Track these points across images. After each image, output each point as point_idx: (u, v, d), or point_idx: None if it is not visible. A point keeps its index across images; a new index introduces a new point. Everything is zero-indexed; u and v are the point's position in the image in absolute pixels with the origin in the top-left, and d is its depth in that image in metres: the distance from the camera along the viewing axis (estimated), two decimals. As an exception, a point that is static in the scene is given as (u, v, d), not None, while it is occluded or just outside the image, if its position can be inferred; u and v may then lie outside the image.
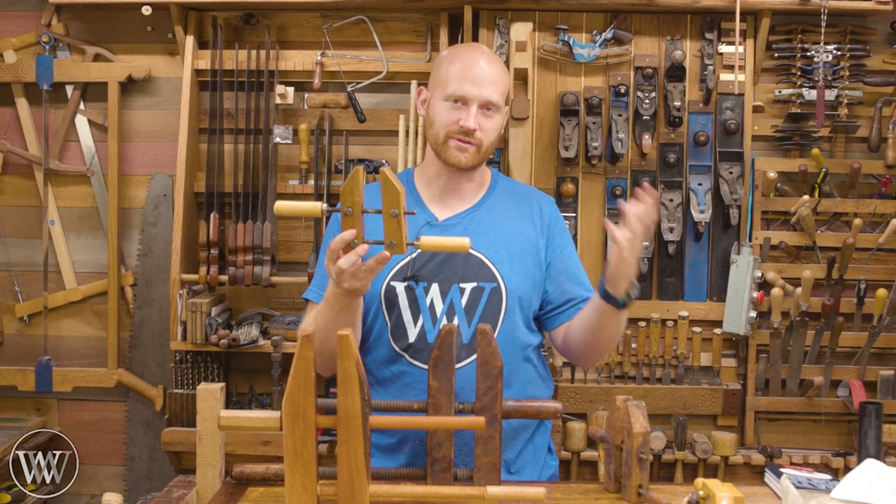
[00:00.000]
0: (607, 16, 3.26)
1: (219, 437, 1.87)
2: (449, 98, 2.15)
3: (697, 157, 3.26)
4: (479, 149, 2.16)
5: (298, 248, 3.38)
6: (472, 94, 2.13)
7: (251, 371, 3.40)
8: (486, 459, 1.80)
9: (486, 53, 2.23)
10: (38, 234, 3.48)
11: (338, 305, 1.97)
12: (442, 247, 1.88)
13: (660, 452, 3.18)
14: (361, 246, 1.82)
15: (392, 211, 1.78)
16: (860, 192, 3.28)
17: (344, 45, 3.33)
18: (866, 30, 3.26)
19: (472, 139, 2.14)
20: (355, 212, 1.79)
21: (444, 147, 2.16)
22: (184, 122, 3.26)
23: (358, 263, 1.83)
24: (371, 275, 1.87)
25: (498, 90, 2.16)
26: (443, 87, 2.16)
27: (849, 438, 3.32)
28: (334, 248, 1.83)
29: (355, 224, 1.80)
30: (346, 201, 1.79)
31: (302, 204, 1.89)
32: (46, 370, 3.43)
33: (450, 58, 2.21)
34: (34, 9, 3.41)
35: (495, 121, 2.18)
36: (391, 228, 1.80)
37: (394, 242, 1.81)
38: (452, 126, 2.14)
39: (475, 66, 2.15)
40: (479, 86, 2.13)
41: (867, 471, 1.85)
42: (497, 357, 1.79)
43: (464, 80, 2.13)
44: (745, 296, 3.16)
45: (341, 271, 1.85)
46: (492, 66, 2.18)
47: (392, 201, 1.78)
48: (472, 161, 2.16)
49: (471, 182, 2.25)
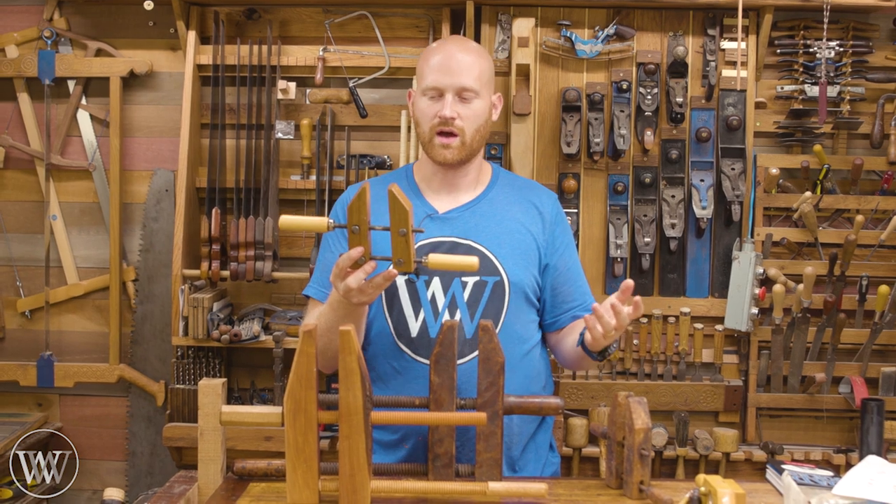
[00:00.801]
0: (609, 11, 3.25)
1: (220, 432, 1.87)
2: (426, 92, 2.16)
3: (699, 154, 3.26)
4: (463, 140, 2.14)
5: (300, 244, 3.38)
6: (445, 84, 2.13)
7: (253, 366, 3.40)
8: (487, 455, 1.80)
9: (460, 42, 2.24)
10: (40, 229, 3.48)
11: (342, 312, 1.98)
12: (450, 266, 1.86)
13: (661, 449, 3.18)
14: (369, 263, 1.83)
15: (400, 230, 1.79)
16: (862, 189, 3.28)
17: (346, 41, 3.33)
18: (869, 26, 3.25)
19: (452, 128, 2.13)
20: (362, 230, 1.79)
21: (430, 145, 2.16)
22: (185, 117, 3.26)
23: (363, 279, 1.85)
24: (378, 290, 1.89)
25: (472, 75, 2.14)
26: (421, 83, 2.18)
27: (850, 435, 3.32)
28: (342, 265, 1.84)
29: (363, 241, 1.80)
30: (352, 219, 1.79)
31: (307, 219, 1.86)
32: (48, 365, 3.43)
33: (426, 54, 2.22)
34: (36, 3, 3.41)
35: (475, 107, 2.15)
36: (399, 247, 1.80)
37: (402, 260, 1.82)
38: (433, 119, 2.14)
39: (448, 57, 2.15)
40: (452, 74, 2.13)
41: (869, 467, 1.85)
42: (499, 353, 1.79)
43: (437, 72, 2.14)
44: (747, 292, 3.15)
45: (349, 289, 1.86)
46: (466, 53, 2.17)
47: (400, 220, 1.78)
48: (457, 156, 2.15)
49: (466, 177, 2.24)
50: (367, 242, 1.81)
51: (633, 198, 3.27)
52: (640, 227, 3.23)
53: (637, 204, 3.26)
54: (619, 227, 3.23)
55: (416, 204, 2.21)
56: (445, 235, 2.16)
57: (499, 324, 2.13)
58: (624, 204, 3.27)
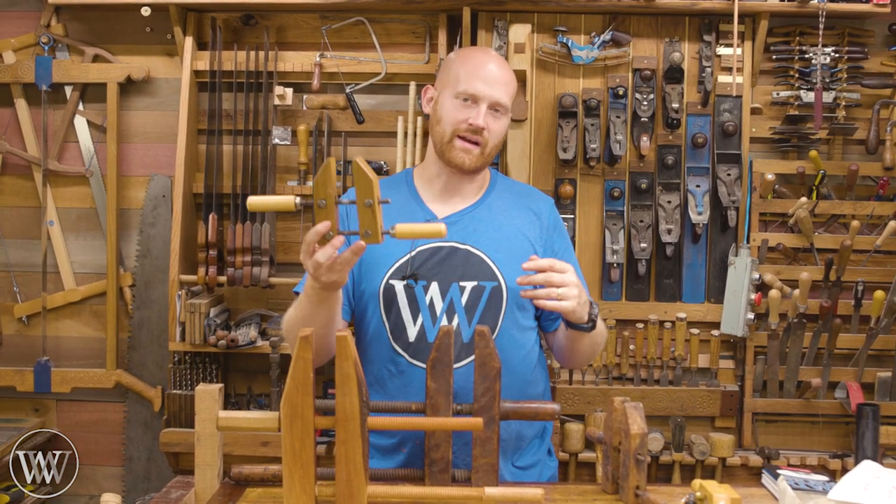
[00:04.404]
0: (606, 17, 3.26)
1: (217, 437, 1.88)
2: (459, 95, 2.16)
3: (695, 159, 3.26)
4: (484, 150, 2.17)
5: (297, 249, 3.37)
6: (483, 93, 2.14)
7: (249, 372, 3.40)
8: (484, 460, 1.81)
9: (497, 57, 2.27)
10: (37, 234, 3.48)
11: (316, 299, 1.95)
12: (418, 234, 1.84)
13: (657, 454, 3.18)
14: (337, 238, 1.78)
15: (366, 201, 1.74)
16: (858, 195, 3.29)
17: (343, 47, 3.34)
18: (864, 32, 3.26)
19: (479, 138, 2.15)
20: (329, 204, 1.75)
21: (448, 146, 2.16)
22: (183, 123, 3.27)
23: (334, 256, 1.80)
24: (348, 266, 1.84)
25: (507, 93, 2.19)
26: (453, 84, 2.17)
27: (846, 440, 3.33)
28: (309, 241, 1.80)
29: (329, 216, 1.76)
30: (318, 193, 1.75)
31: (275, 198, 1.82)
32: (45, 371, 3.43)
33: (462, 57, 2.23)
34: (33, 9, 3.41)
35: (502, 123, 2.19)
36: (366, 218, 1.75)
37: (369, 232, 1.76)
38: (461, 124, 2.15)
39: (487, 67, 2.18)
40: (490, 85, 2.15)
41: (864, 472, 1.85)
42: (495, 358, 1.79)
43: (475, 79, 2.15)
44: (743, 297, 3.16)
45: (318, 265, 1.81)
46: (502, 69, 2.21)
47: (365, 191, 1.74)
48: (475, 163, 2.17)
49: (472, 183, 2.25)
50: (333, 217, 1.76)
51: (630, 203, 3.27)
52: (637, 233, 3.24)
53: (633, 209, 3.26)
54: (615, 232, 3.24)
55: (415, 209, 2.21)
56: (444, 240, 2.16)
57: (496, 329, 2.13)
58: (620, 209, 3.27)
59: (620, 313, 3.29)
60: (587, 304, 2.05)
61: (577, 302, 1.98)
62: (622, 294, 3.30)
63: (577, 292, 1.98)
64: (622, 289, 3.30)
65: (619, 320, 3.29)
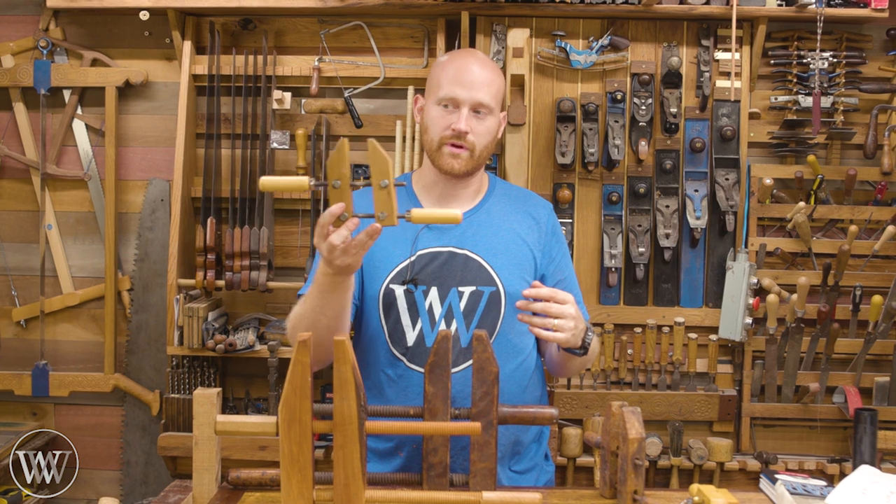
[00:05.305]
0: (604, 22, 3.27)
1: (215, 441, 1.87)
2: (441, 102, 2.15)
3: (694, 164, 3.27)
4: (472, 153, 2.15)
5: (295, 254, 3.38)
6: (462, 97, 2.13)
7: (247, 376, 3.40)
8: (481, 465, 1.80)
9: (478, 57, 2.23)
10: (36, 238, 3.48)
11: (329, 286, 1.92)
12: (434, 219, 1.84)
13: (655, 458, 3.18)
14: (352, 220, 1.76)
15: (382, 182, 1.70)
16: (856, 199, 3.29)
17: (341, 51, 3.34)
18: (862, 37, 3.27)
19: (464, 142, 2.13)
20: (343, 185, 1.72)
21: (437, 154, 2.16)
22: (181, 127, 3.27)
23: (349, 238, 1.77)
24: (363, 250, 1.81)
25: (489, 92, 2.15)
26: (436, 91, 2.17)
27: (844, 445, 3.33)
28: (324, 223, 1.77)
29: (343, 197, 1.74)
30: (332, 174, 1.72)
31: (287, 179, 1.78)
32: (43, 374, 3.43)
33: (443, 63, 2.21)
34: (32, 13, 3.42)
35: (488, 123, 2.17)
36: (381, 199, 1.72)
37: (384, 214, 1.72)
38: (445, 130, 2.13)
39: (466, 70, 2.16)
40: (469, 88, 2.13)
41: (862, 477, 1.85)
42: (493, 363, 1.79)
43: (454, 84, 2.14)
44: (741, 302, 3.16)
45: (333, 247, 1.78)
46: (483, 69, 2.18)
47: (381, 172, 1.71)
48: (465, 167, 2.16)
49: (468, 188, 2.25)
50: (348, 198, 1.74)
51: (628, 208, 3.28)
52: (635, 237, 3.24)
53: (631, 214, 3.27)
54: (613, 236, 3.24)
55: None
56: (443, 245, 2.16)
57: (494, 334, 2.13)
58: (618, 214, 3.27)
59: (618, 318, 3.30)
60: (583, 332, 2.04)
61: (572, 333, 1.99)
62: (620, 298, 3.31)
63: (573, 325, 1.98)
64: (620, 293, 3.30)
65: (618, 325, 3.29)
